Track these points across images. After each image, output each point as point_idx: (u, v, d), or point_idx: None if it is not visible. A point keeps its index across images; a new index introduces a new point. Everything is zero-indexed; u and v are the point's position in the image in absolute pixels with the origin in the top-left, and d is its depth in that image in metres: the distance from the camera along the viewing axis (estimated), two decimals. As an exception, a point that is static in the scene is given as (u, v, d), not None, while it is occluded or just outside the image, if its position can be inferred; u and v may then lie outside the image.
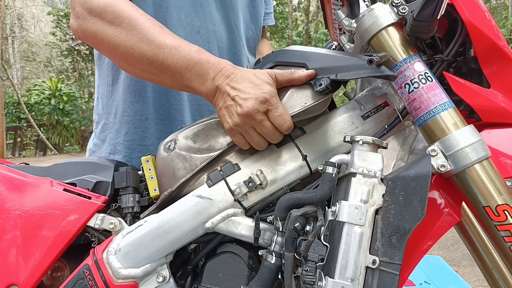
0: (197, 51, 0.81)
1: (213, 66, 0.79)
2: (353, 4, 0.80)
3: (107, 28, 0.85)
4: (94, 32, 0.87)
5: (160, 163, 0.85)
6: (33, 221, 0.80)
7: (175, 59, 0.80)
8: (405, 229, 0.62)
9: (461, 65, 0.81)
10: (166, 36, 0.83)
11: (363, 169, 0.66)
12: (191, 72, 0.80)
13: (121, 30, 0.84)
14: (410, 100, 0.74)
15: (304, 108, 0.77)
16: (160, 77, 0.86)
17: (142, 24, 0.83)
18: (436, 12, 0.67)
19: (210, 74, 0.79)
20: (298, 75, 0.77)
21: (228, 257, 0.78)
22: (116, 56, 0.88)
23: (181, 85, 0.84)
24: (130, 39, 0.83)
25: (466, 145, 0.68)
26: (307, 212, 0.67)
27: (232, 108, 0.76)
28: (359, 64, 0.74)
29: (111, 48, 0.86)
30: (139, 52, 0.83)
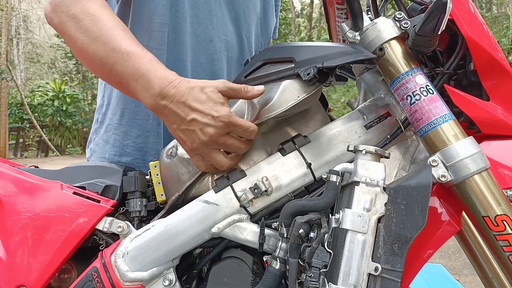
0: (148, 61, 0.79)
1: (160, 80, 0.76)
2: (357, 17, 0.82)
3: (71, 22, 0.85)
4: (59, 22, 0.88)
5: (164, 169, 0.87)
6: (43, 223, 0.82)
7: (124, 66, 0.79)
8: (407, 237, 0.64)
9: (461, 78, 0.84)
10: (124, 40, 0.81)
11: (366, 178, 0.68)
12: (137, 83, 0.78)
13: (81, 25, 0.83)
14: (411, 112, 0.76)
15: (297, 102, 0.78)
16: (109, 80, 0.87)
17: (103, 24, 0.82)
18: (438, 27, 0.70)
19: (155, 88, 0.76)
20: (251, 93, 0.77)
21: (233, 262, 0.80)
22: (74, 48, 0.88)
23: (128, 93, 0.83)
24: (88, 36, 0.82)
25: (466, 156, 0.70)
26: (312, 219, 0.69)
27: (191, 134, 0.75)
28: (344, 51, 0.76)
29: (70, 41, 0.87)
30: (93, 51, 0.82)
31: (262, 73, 0.82)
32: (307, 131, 0.87)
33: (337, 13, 0.94)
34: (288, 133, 0.86)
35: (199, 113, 0.74)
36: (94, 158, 1.16)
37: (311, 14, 19.72)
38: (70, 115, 17.17)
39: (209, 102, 0.74)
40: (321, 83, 0.79)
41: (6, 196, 0.84)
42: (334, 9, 0.94)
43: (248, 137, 0.78)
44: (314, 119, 0.88)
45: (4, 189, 0.84)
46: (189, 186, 0.83)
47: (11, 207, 0.83)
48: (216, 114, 0.74)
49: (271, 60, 0.83)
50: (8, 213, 0.82)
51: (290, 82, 0.78)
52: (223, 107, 0.75)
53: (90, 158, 1.18)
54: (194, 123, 0.75)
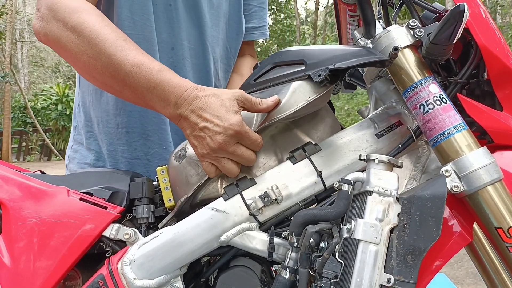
0: (159, 70, 0.78)
1: (174, 90, 0.76)
2: (369, 25, 0.82)
3: (70, 35, 0.81)
4: (57, 37, 0.83)
5: (172, 172, 0.86)
6: (49, 229, 0.81)
7: (137, 78, 0.78)
8: (420, 248, 0.63)
9: (474, 87, 0.83)
10: (129, 51, 0.80)
11: (379, 188, 0.68)
12: (153, 94, 0.78)
13: (83, 38, 0.80)
14: (424, 121, 0.75)
15: (307, 102, 0.77)
16: (122, 93, 0.84)
17: (105, 36, 0.80)
18: (453, 36, 0.69)
19: (171, 98, 0.77)
20: (266, 106, 0.77)
21: (241, 271, 0.79)
22: (78, 65, 0.86)
23: (144, 104, 0.82)
24: (92, 50, 0.80)
25: (479, 167, 0.69)
26: (323, 228, 0.68)
27: (202, 140, 0.76)
28: (356, 53, 0.75)
29: (73, 56, 0.84)
30: (101, 65, 0.80)
31: (271, 76, 0.82)
32: (317, 134, 0.86)
33: (349, 20, 0.93)
34: (298, 136, 0.85)
35: (211, 123, 0.74)
36: (73, 165, 1.16)
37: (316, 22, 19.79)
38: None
39: (222, 110, 0.75)
40: (332, 84, 0.79)
41: (12, 202, 0.83)
42: (346, 16, 0.93)
43: (254, 149, 0.79)
44: (323, 123, 0.88)
45: (10, 194, 0.84)
46: (198, 189, 0.82)
47: (17, 212, 0.82)
48: (227, 124, 0.74)
49: (281, 63, 0.83)
50: (14, 219, 0.82)
51: (300, 83, 0.78)
52: (235, 115, 0.75)
53: (69, 165, 1.18)
54: (206, 130, 0.75)
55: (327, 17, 20.49)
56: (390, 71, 0.82)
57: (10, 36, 13.88)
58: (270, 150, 0.85)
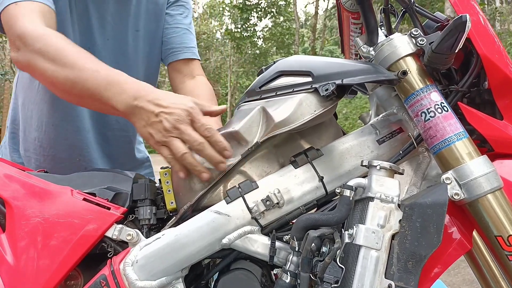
0: (117, 73, 0.87)
1: (131, 86, 0.84)
2: (372, 32, 0.83)
3: (37, 57, 0.91)
4: (27, 61, 0.94)
5: (176, 178, 0.87)
6: (52, 229, 0.81)
7: (95, 81, 0.86)
8: (421, 255, 0.64)
9: (475, 96, 0.84)
10: (89, 60, 0.89)
11: (381, 194, 0.68)
12: (110, 91, 0.84)
13: (49, 57, 0.90)
14: (425, 128, 0.76)
15: (313, 116, 0.78)
16: (83, 99, 0.92)
17: (68, 51, 0.90)
18: (455, 45, 0.70)
19: (128, 92, 0.83)
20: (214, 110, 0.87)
21: (241, 274, 0.79)
22: (46, 81, 0.95)
23: (102, 105, 0.88)
24: (57, 65, 0.89)
25: (480, 175, 0.70)
26: (324, 233, 0.69)
27: (157, 124, 0.80)
28: (364, 69, 0.76)
29: (41, 73, 0.93)
30: (63, 75, 0.88)
31: (277, 85, 0.82)
32: (320, 144, 0.87)
33: (352, 27, 0.94)
34: (301, 145, 0.86)
35: (166, 107, 0.80)
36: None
37: (315, 25, 19.83)
38: (71, 118, 17.20)
39: (176, 98, 0.82)
40: (338, 99, 0.79)
41: (16, 200, 0.83)
42: (349, 23, 0.94)
43: (203, 133, 0.80)
44: (327, 132, 0.88)
45: (14, 193, 0.84)
46: (201, 196, 0.82)
47: (21, 211, 0.83)
48: (181, 105, 0.80)
49: (287, 72, 0.83)
50: (17, 218, 0.82)
51: (306, 95, 0.78)
52: (189, 101, 0.82)
53: None
54: (161, 114, 0.80)
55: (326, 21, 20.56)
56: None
57: (10, 34, 13.85)
58: (274, 159, 0.86)
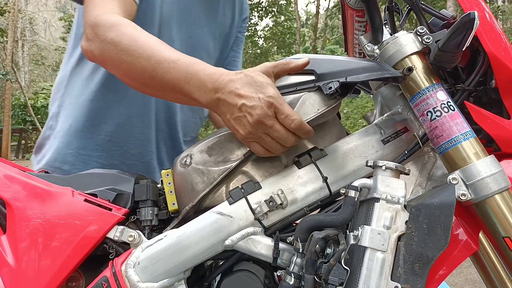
0: (193, 63, 0.83)
1: (209, 77, 0.80)
2: (377, 31, 0.81)
3: (111, 47, 0.88)
4: (100, 52, 0.91)
5: (178, 179, 0.86)
6: (53, 230, 0.81)
7: (174, 73, 0.82)
8: (428, 257, 0.63)
9: (481, 95, 0.83)
10: (165, 50, 0.86)
11: (387, 195, 0.67)
12: (190, 85, 0.81)
13: (122, 47, 0.87)
14: (431, 128, 0.75)
15: (317, 115, 0.77)
16: (162, 92, 0.88)
17: (142, 41, 0.87)
18: (463, 43, 0.69)
19: (208, 85, 0.80)
20: (294, 65, 0.80)
21: (244, 275, 0.78)
22: (120, 73, 0.92)
23: (184, 97, 0.85)
24: (132, 55, 0.86)
25: (487, 175, 0.69)
26: (329, 235, 0.68)
27: (241, 119, 0.77)
28: (368, 67, 0.75)
29: (115, 66, 0.91)
30: (140, 68, 0.85)
31: (280, 83, 0.81)
32: (323, 143, 0.86)
33: (356, 25, 0.93)
34: (304, 145, 0.85)
35: (247, 98, 0.76)
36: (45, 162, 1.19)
37: (316, 25, 19.78)
38: (73, 118, 17.19)
39: (256, 86, 0.76)
40: (342, 97, 0.78)
41: (16, 201, 0.83)
42: (353, 21, 0.93)
43: (289, 126, 0.76)
44: (331, 132, 0.87)
45: (15, 194, 0.83)
46: (203, 197, 0.82)
47: (21, 212, 0.82)
48: (262, 95, 0.75)
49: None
50: (18, 219, 0.81)
51: (309, 94, 0.78)
52: (269, 88, 0.76)
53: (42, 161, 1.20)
54: (244, 108, 0.76)
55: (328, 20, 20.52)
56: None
57: (12, 34, 13.87)
58: (277, 159, 0.85)
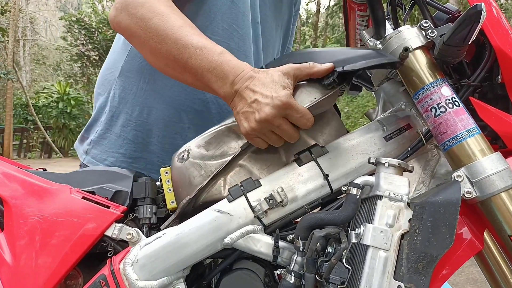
0: (220, 53, 0.82)
1: (233, 70, 0.80)
2: (380, 25, 0.80)
3: (139, 22, 0.87)
4: (127, 25, 0.90)
5: (175, 173, 0.85)
6: (51, 228, 0.79)
7: (198, 60, 0.82)
8: (432, 256, 0.61)
9: (487, 90, 0.81)
10: (194, 36, 0.84)
11: (390, 193, 0.66)
12: (212, 74, 0.81)
13: (151, 25, 0.86)
14: (436, 124, 0.74)
15: (314, 103, 0.77)
16: (182, 75, 0.87)
17: (172, 22, 0.85)
18: (468, 37, 0.67)
19: (229, 77, 0.80)
20: (317, 69, 0.78)
21: (244, 274, 0.77)
22: (144, 49, 0.91)
23: (202, 85, 0.85)
24: (159, 35, 0.85)
25: (493, 173, 0.68)
26: (330, 233, 0.67)
27: (249, 114, 0.77)
28: (365, 55, 0.74)
29: (141, 41, 0.89)
30: (166, 49, 0.85)
31: None
32: (322, 137, 0.85)
33: (358, 20, 0.92)
34: (303, 139, 0.84)
35: (261, 95, 0.76)
36: (99, 152, 1.12)
37: (317, 23, 19.72)
38: (74, 117, 17.16)
39: (272, 85, 0.76)
40: (338, 86, 0.78)
41: (14, 199, 0.81)
42: (355, 16, 0.92)
43: (303, 125, 0.77)
44: (329, 125, 0.86)
45: (12, 191, 0.82)
46: (201, 190, 0.80)
47: (19, 210, 0.81)
48: (275, 95, 0.75)
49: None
50: (15, 216, 0.80)
51: (306, 83, 0.78)
52: (284, 89, 0.76)
53: (91, 151, 1.13)
54: (255, 104, 0.76)
55: (328, 19, 20.47)
56: (400, 73, 0.80)
57: (12, 33, 13.87)
58: (274, 152, 0.84)
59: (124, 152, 1.10)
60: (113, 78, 1.14)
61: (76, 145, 1.21)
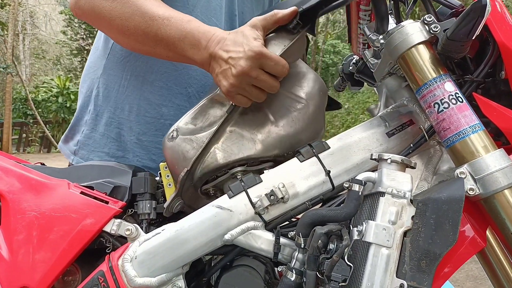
0: (188, 21, 0.83)
1: (204, 35, 0.81)
2: (382, 20, 0.79)
3: (103, 2, 0.87)
4: (91, 7, 0.89)
5: (168, 153, 0.83)
6: (48, 223, 0.79)
7: (168, 30, 0.83)
8: (436, 253, 0.60)
9: (490, 86, 0.80)
10: (160, 8, 0.85)
11: (392, 189, 0.65)
12: (184, 42, 0.82)
13: (117, 3, 0.86)
14: (439, 120, 0.73)
15: (285, 49, 0.78)
16: (155, 49, 0.88)
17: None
18: (473, 31, 0.66)
19: (202, 43, 0.81)
20: (281, 14, 0.78)
21: (244, 271, 0.76)
22: (112, 29, 0.91)
23: (177, 55, 0.86)
24: (125, 12, 0.85)
25: (496, 170, 0.67)
26: (332, 230, 0.66)
27: (227, 71, 0.78)
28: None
29: (107, 21, 0.89)
30: (133, 24, 0.85)
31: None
32: (303, 90, 0.85)
33: (360, 14, 0.90)
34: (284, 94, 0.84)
35: (234, 51, 0.77)
36: (86, 152, 1.09)
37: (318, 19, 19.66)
38: (73, 112, 17.07)
39: (243, 39, 0.77)
40: (303, 28, 0.79)
41: (11, 194, 0.81)
42: (357, 10, 0.91)
43: (279, 73, 0.78)
44: (306, 79, 0.86)
45: (9, 186, 0.81)
46: (196, 161, 0.80)
47: (16, 205, 0.80)
48: (247, 47, 0.76)
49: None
50: (12, 211, 0.79)
51: (274, 34, 0.80)
52: (255, 41, 0.77)
53: (79, 151, 1.10)
54: (230, 60, 0.77)
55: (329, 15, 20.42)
56: (403, 68, 0.79)
57: (12, 27, 13.82)
58: (261, 113, 0.84)
59: (107, 151, 1.07)
60: (96, 76, 1.11)
61: (60, 146, 1.18)
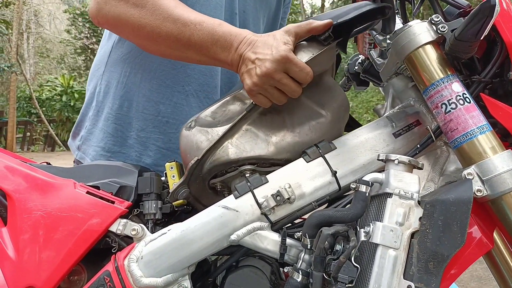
0: (220, 24, 0.85)
1: (236, 37, 0.82)
2: (389, 20, 0.79)
3: (131, 10, 0.88)
4: (117, 15, 0.90)
5: (183, 142, 0.84)
6: (54, 223, 0.79)
7: (201, 35, 0.84)
8: (443, 255, 0.60)
9: (497, 87, 0.80)
10: (190, 13, 0.87)
11: (400, 190, 0.65)
12: (217, 46, 0.84)
13: (146, 11, 0.87)
14: (446, 121, 0.72)
15: (312, 58, 0.77)
16: (186, 53, 0.89)
17: (166, 4, 0.87)
18: (481, 32, 0.66)
19: (233, 45, 0.82)
20: (316, 24, 0.78)
21: (250, 271, 0.76)
22: (140, 36, 0.92)
23: (208, 59, 0.87)
24: (156, 19, 0.87)
25: (504, 171, 0.66)
26: (338, 231, 0.66)
27: (252, 71, 0.79)
28: (357, 6, 0.75)
29: (135, 29, 0.90)
30: (165, 31, 0.86)
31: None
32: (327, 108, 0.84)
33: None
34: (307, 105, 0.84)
35: (262, 53, 0.78)
36: (87, 147, 1.12)
37: (322, 18, 19.58)
38: (77, 110, 17.09)
39: (273, 42, 0.78)
40: (334, 41, 0.79)
41: (17, 193, 0.81)
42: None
43: (302, 79, 0.78)
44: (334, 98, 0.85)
45: (16, 185, 0.82)
46: (208, 152, 0.80)
47: (22, 204, 0.80)
48: (275, 50, 0.76)
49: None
50: (19, 211, 0.80)
51: (303, 43, 0.80)
52: (284, 45, 0.77)
53: (82, 147, 1.13)
54: (256, 61, 0.78)
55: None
56: (410, 68, 0.78)
57: (17, 26, 13.86)
58: (279, 117, 0.83)
59: (103, 146, 1.10)
60: (99, 74, 1.15)
61: (69, 142, 1.22)
